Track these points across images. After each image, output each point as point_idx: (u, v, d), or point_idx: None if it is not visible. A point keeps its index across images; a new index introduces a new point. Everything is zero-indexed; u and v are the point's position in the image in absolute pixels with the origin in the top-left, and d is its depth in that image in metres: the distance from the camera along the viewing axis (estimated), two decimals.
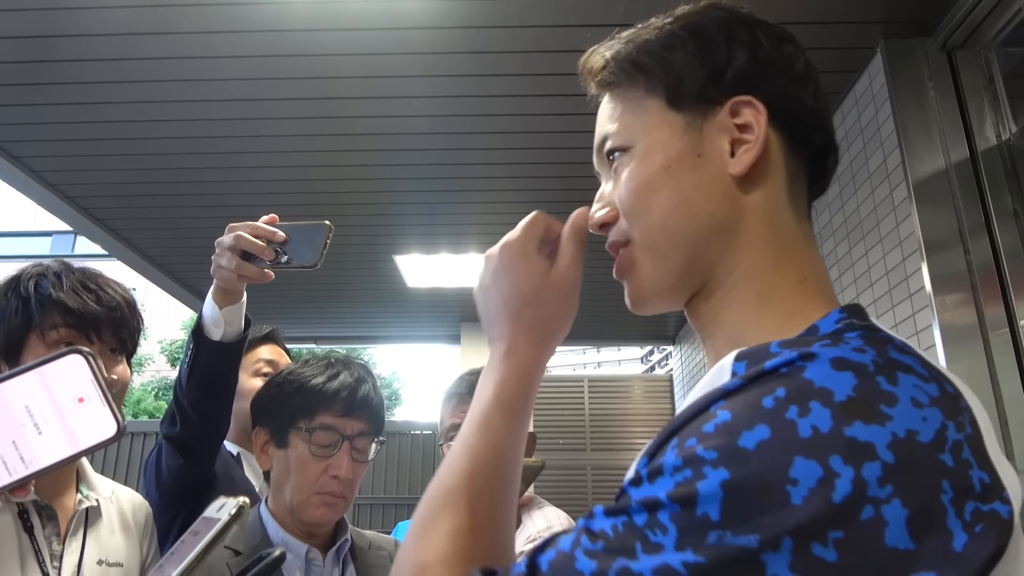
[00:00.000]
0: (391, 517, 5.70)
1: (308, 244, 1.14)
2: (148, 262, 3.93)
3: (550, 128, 2.70)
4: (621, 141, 0.66)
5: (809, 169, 0.65)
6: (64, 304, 1.10)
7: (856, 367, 0.44)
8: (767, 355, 0.49)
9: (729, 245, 0.61)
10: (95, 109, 2.60)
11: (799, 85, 0.63)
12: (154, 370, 16.12)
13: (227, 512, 0.65)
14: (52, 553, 1.07)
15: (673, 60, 0.63)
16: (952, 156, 2.07)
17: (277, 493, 1.23)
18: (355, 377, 1.26)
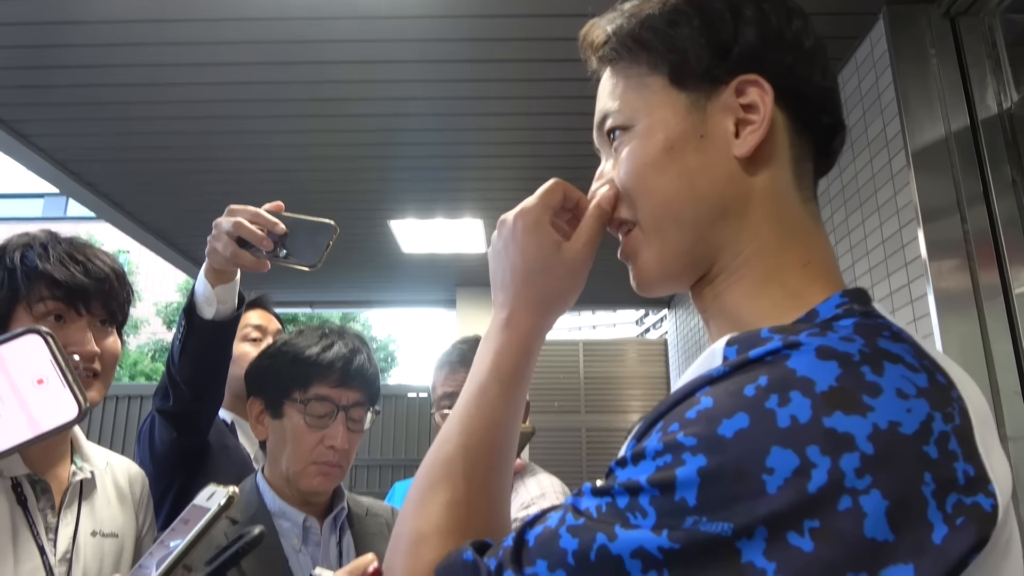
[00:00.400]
0: (387, 478, 5.77)
1: (310, 242, 1.11)
2: (139, 226, 3.89)
3: (547, 93, 2.67)
4: (622, 120, 0.64)
5: (815, 148, 0.63)
6: (51, 276, 1.07)
7: (841, 357, 0.44)
8: (757, 341, 0.48)
9: (735, 229, 0.60)
10: (86, 72, 2.56)
11: (808, 63, 0.61)
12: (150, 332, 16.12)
13: (216, 502, 0.65)
14: (47, 526, 1.07)
15: (677, 37, 0.61)
16: (952, 124, 2.05)
17: (273, 463, 1.24)
18: (350, 347, 1.26)
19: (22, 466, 1.06)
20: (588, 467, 5.65)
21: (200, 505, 0.67)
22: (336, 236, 1.09)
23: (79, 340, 1.09)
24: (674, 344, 5.74)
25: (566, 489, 1.58)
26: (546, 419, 5.63)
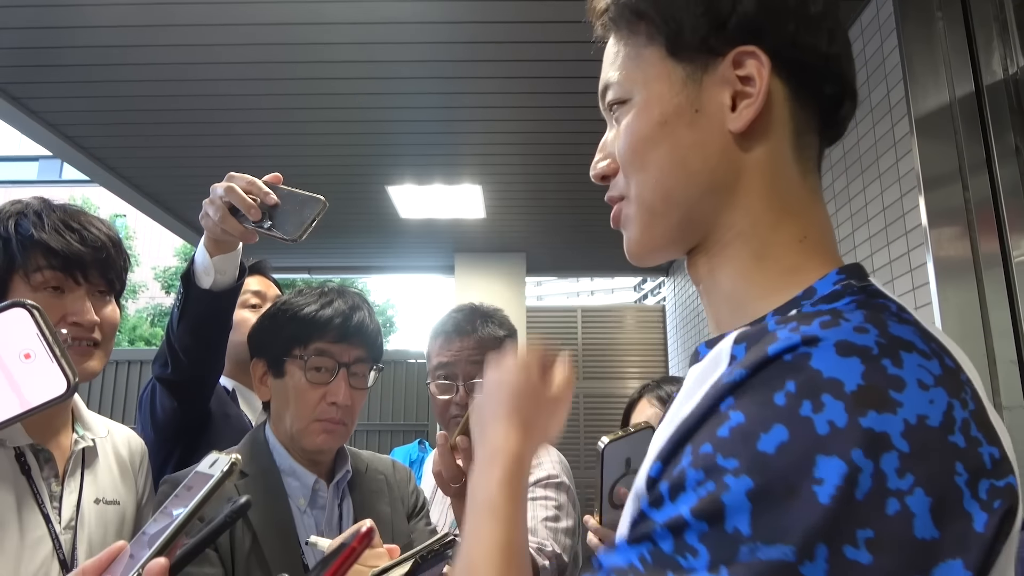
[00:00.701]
0: (386, 443, 5.83)
1: (295, 215, 1.09)
2: (135, 190, 3.85)
3: (546, 56, 2.62)
4: (620, 92, 0.63)
5: (821, 119, 0.61)
6: (47, 245, 1.06)
7: (861, 351, 0.43)
8: (766, 336, 0.47)
9: (726, 203, 0.59)
10: (83, 35, 2.51)
11: (812, 30, 0.58)
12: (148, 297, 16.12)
13: (219, 469, 0.65)
14: (51, 494, 1.08)
15: (674, 7, 0.60)
16: (957, 90, 2.02)
17: (278, 422, 1.24)
18: (349, 304, 1.25)
19: (25, 436, 1.06)
20: (586, 434, 5.70)
21: (203, 472, 0.67)
22: (324, 212, 1.08)
23: (78, 310, 1.09)
24: (672, 310, 5.75)
25: (563, 459, 1.58)
26: None
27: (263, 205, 1.12)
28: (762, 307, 0.56)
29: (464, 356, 1.52)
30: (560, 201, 4.10)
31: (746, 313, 0.58)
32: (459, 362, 1.52)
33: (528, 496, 1.41)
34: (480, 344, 1.54)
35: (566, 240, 4.88)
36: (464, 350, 1.53)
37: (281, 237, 1.11)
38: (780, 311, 0.55)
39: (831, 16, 0.60)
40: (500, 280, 5.21)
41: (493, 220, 4.42)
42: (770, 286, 0.57)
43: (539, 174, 3.74)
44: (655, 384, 1.59)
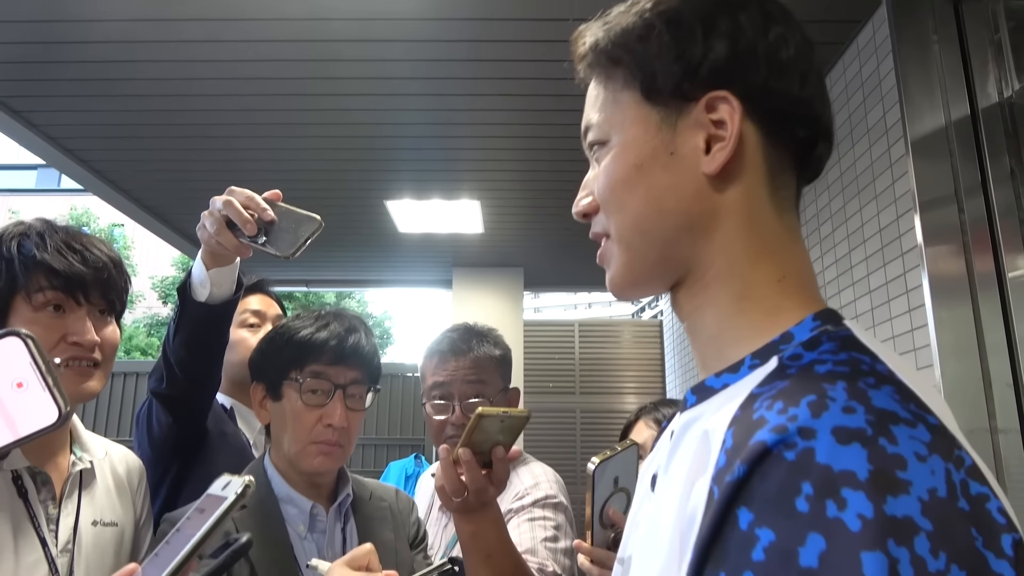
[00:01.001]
0: (382, 457, 5.81)
1: (291, 233, 1.11)
2: (132, 202, 3.84)
3: (544, 74, 2.64)
4: (599, 134, 0.66)
5: (797, 159, 0.63)
6: (49, 265, 1.08)
7: (858, 435, 0.44)
8: (759, 424, 0.48)
9: (703, 243, 0.61)
10: (81, 49, 2.52)
11: (783, 74, 0.60)
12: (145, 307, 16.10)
13: (233, 491, 0.65)
14: (48, 517, 1.07)
15: (646, 53, 0.62)
16: (952, 113, 2.03)
17: (277, 447, 1.25)
18: (345, 326, 1.26)
19: (22, 459, 1.06)
20: (582, 449, 5.68)
21: (215, 494, 0.67)
22: (319, 232, 1.10)
23: (79, 330, 1.09)
24: (669, 325, 5.75)
25: (559, 479, 1.57)
26: (541, 400, 5.65)
27: (259, 221, 1.14)
28: (741, 350, 0.58)
29: (460, 376, 1.52)
30: (558, 217, 4.11)
31: (727, 356, 0.60)
32: (455, 382, 1.51)
33: (527, 517, 1.41)
34: (476, 364, 1.53)
35: (564, 255, 4.89)
36: (460, 370, 1.52)
37: (274, 253, 1.12)
38: (759, 355, 0.57)
39: (804, 59, 0.61)
40: (498, 294, 5.21)
41: (491, 235, 4.43)
42: (751, 328, 0.59)
43: (537, 190, 3.75)
44: (652, 407, 1.59)
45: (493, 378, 1.54)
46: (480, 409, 0.98)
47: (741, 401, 0.52)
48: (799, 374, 0.51)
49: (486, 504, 1.05)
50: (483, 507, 1.05)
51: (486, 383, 1.52)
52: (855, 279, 2.35)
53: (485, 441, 1.02)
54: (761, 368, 0.55)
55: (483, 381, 1.51)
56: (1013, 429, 1.84)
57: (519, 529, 1.39)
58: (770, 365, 0.55)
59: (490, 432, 1.00)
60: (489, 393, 1.51)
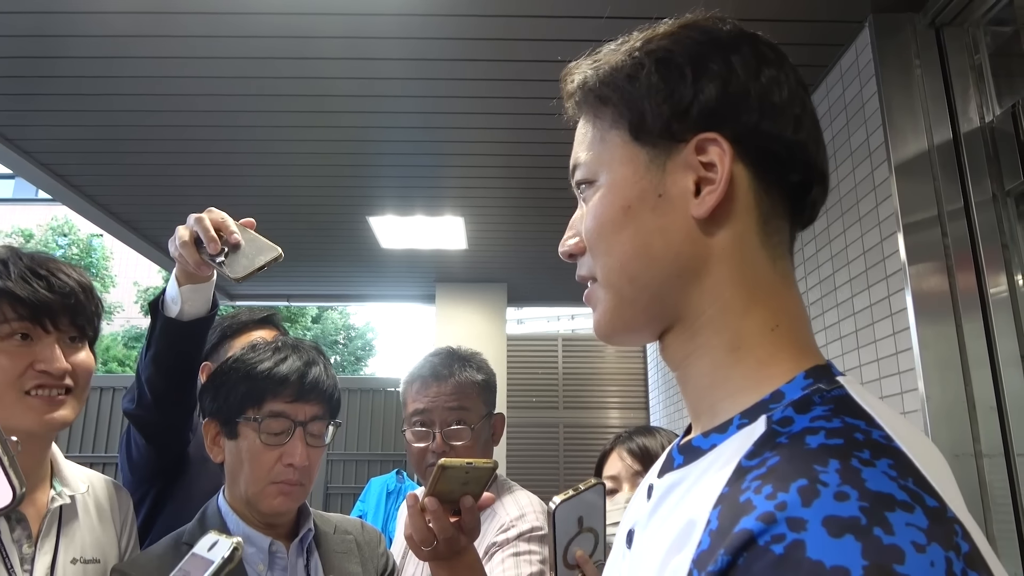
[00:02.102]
0: (363, 473, 5.74)
1: (248, 258, 1.12)
2: (105, 213, 3.77)
3: (528, 93, 2.63)
4: (587, 173, 0.64)
5: (790, 203, 0.61)
6: (13, 293, 1.05)
7: (851, 525, 0.42)
8: (746, 509, 0.45)
9: (693, 289, 0.59)
10: (55, 60, 2.47)
11: (776, 118, 0.58)
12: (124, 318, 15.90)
13: (219, 555, 0.62)
14: (22, 556, 1.04)
15: (635, 93, 0.60)
16: (935, 137, 2.05)
17: (232, 486, 1.19)
18: (304, 360, 1.21)
19: None
20: (565, 463, 5.66)
21: (201, 555, 0.64)
22: (274, 262, 1.12)
23: (47, 357, 1.07)
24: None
25: (544, 506, 1.54)
26: (524, 415, 5.63)
27: (225, 242, 1.14)
28: (732, 406, 0.56)
29: (440, 403, 1.47)
30: (541, 232, 4.10)
31: (718, 411, 0.58)
32: (436, 408, 1.47)
33: (512, 552, 1.37)
34: (458, 389, 1.49)
35: (547, 271, 4.88)
36: (440, 396, 1.48)
37: (227, 274, 1.13)
38: (747, 414, 0.55)
39: (798, 102, 0.60)
40: (481, 310, 5.19)
41: (475, 251, 4.41)
42: (743, 380, 0.57)
43: (521, 206, 3.74)
44: (627, 436, 1.57)
45: (475, 404, 1.50)
46: (443, 460, 0.97)
47: (729, 475, 0.50)
48: (790, 447, 0.48)
49: (458, 553, 1.03)
50: (456, 555, 1.03)
51: (468, 409, 1.48)
52: (839, 300, 2.35)
53: (452, 491, 1.01)
54: (749, 428, 0.53)
55: (464, 407, 1.48)
56: (997, 453, 1.85)
57: (503, 565, 1.35)
58: (758, 427, 0.53)
59: (455, 483, 1.00)
60: (471, 419, 1.47)
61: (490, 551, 1.37)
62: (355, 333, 17.81)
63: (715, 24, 0.61)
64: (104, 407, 5.92)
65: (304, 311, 14.99)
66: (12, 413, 1.03)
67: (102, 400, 5.95)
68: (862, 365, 2.20)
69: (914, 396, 1.94)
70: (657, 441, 1.53)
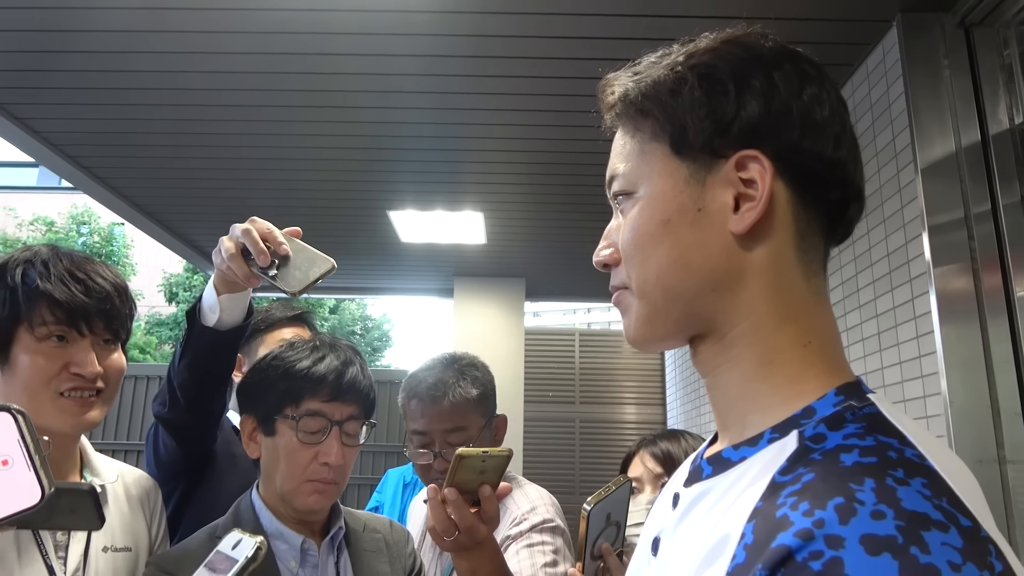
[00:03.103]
0: (380, 464, 5.78)
1: (301, 271, 1.11)
2: (126, 202, 3.78)
3: (547, 90, 2.62)
4: (625, 185, 0.64)
5: (826, 220, 0.61)
6: (52, 296, 1.07)
7: (888, 544, 0.42)
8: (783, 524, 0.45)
9: (727, 303, 0.60)
10: (84, 58, 2.50)
11: (817, 136, 0.59)
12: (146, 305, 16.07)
13: (243, 554, 0.63)
14: (56, 544, 1.06)
15: (677, 107, 0.60)
16: (963, 139, 2.02)
17: (267, 482, 1.22)
18: (341, 360, 1.23)
19: None
20: (581, 458, 5.67)
21: (225, 553, 0.65)
22: (329, 274, 1.10)
23: (82, 361, 1.09)
24: None
25: (555, 501, 1.55)
26: (540, 409, 5.64)
27: (274, 254, 1.13)
28: (762, 420, 0.57)
29: (437, 426, 1.46)
30: (560, 229, 4.10)
31: (747, 423, 0.59)
32: (433, 432, 1.47)
33: (526, 543, 1.39)
34: (453, 410, 1.47)
35: (565, 266, 4.88)
36: (437, 419, 1.46)
37: (282, 288, 1.12)
38: (779, 428, 0.55)
39: (838, 120, 0.60)
40: (499, 304, 5.19)
41: (493, 246, 4.41)
42: (773, 395, 0.58)
43: (541, 202, 3.74)
44: (651, 440, 1.58)
45: (472, 419, 1.49)
46: (460, 451, 0.99)
47: (763, 489, 0.50)
48: (824, 465, 0.49)
49: (480, 542, 1.05)
50: (478, 545, 1.05)
51: (465, 428, 1.48)
52: (862, 302, 2.33)
53: (471, 480, 1.03)
54: (781, 443, 0.54)
55: (462, 427, 1.47)
56: (1021, 459, 1.83)
57: (518, 556, 1.37)
58: (790, 442, 0.53)
59: (472, 472, 1.02)
60: (471, 435, 1.47)
61: (504, 544, 1.39)
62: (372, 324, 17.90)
63: (757, 40, 0.62)
64: (126, 395, 5.99)
65: (322, 302, 15.09)
66: (45, 413, 1.05)
67: (124, 388, 6.03)
68: (884, 368, 2.18)
69: (937, 400, 1.92)
70: (681, 447, 1.54)
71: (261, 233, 1.13)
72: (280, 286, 1.11)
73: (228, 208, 3.69)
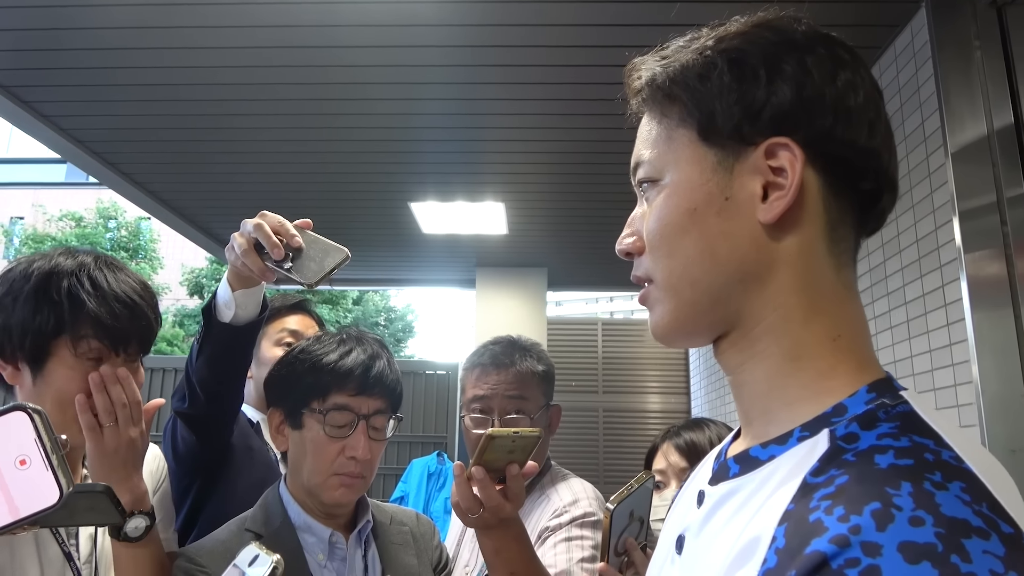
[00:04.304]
0: (405, 455, 5.82)
1: (316, 262, 1.11)
2: (151, 197, 3.83)
3: (569, 78, 2.60)
4: (651, 171, 0.62)
5: (857, 210, 0.59)
6: (99, 320, 1.08)
7: (928, 552, 0.41)
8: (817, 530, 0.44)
9: (755, 295, 0.58)
10: (103, 55, 2.53)
11: (851, 123, 0.56)
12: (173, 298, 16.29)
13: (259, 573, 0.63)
14: (68, 531, 1.08)
15: (706, 93, 0.58)
16: (995, 121, 1.97)
17: (295, 475, 1.22)
18: (369, 353, 1.22)
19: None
20: (604, 448, 5.66)
21: (241, 568, 0.65)
22: (345, 264, 1.10)
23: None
24: None
25: (599, 495, 1.55)
26: (563, 399, 5.61)
27: (287, 246, 1.13)
28: (790, 417, 0.55)
29: (500, 391, 1.48)
30: (582, 218, 4.08)
31: (774, 419, 0.57)
32: (495, 396, 1.48)
33: (564, 536, 1.38)
34: (518, 378, 1.49)
35: (587, 256, 4.86)
36: (500, 384, 1.49)
37: (298, 280, 1.12)
38: (809, 427, 0.54)
39: (873, 107, 0.58)
40: (521, 294, 5.19)
41: (515, 236, 4.40)
42: (800, 391, 0.56)
43: (562, 191, 3.72)
44: (675, 431, 1.56)
45: (535, 394, 1.51)
46: (491, 431, 0.99)
47: (794, 491, 0.49)
48: (858, 467, 0.47)
49: (505, 521, 1.05)
50: (503, 523, 1.05)
51: (527, 399, 1.49)
52: (890, 289, 2.29)
53: (498, 459, 1.03)
54: (811, 442, 0.52)
55: (524, 397, 1.48)
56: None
57: (555, 549, 1.36)
58: (821, 442, 0.52)
59: (502, 451, 1.02)
60: (530, 409, 1.48)
61: (543, 535, 1.38)
62: (395, 315, 17.98)
63: (790, 24, 0.60)
64: (155, 388, 6.08)
65: (345, 294, 15.19)
66: (70, 428, 1.06)
67: (152, 381, 6.12)
68: (913, 356, 2.15)
69: (968, 389, 1.88)
70: (705, 435, 1.51)
71: (272, 227, 1.13)
72: (296, 278, 1.12)
73: (251, 201, 3.72)
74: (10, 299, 1.08)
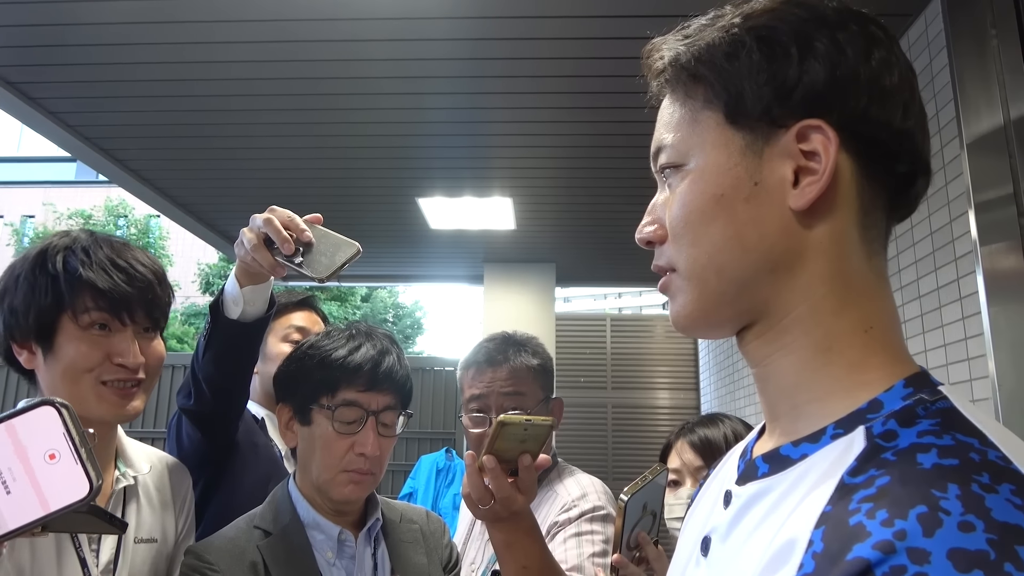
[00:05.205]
0: (413, 451, 5.82)
1: (327, 257, 1.10)
2: (159, 194, 3.83)
3: (576, 72, 2.58)
4: (675, 156, 0.59)
5: (889, 194, 0.57)
6: (95, 285, 1.06)
7: (980, 560, 0.38)
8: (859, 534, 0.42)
9: (784, 285, 0.55)
10: (111, 51, 2.52)
11: (885, 104, 0.54)
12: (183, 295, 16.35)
13: None
14: (90, 536, 1.07)
15: (734, 72, 0.55)
16: (1012, 111, 1.93)
17: (304, 471, 1.21)
18: (378, 349, 1.20)
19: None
20: (613, 444, 5.64)
21: None
22: (356, 258, 1.09)
23: (124, 351, 1.09)
24: None
25: (607, 489, 1.53)
26: (572, 395, 5.62)
27: (298, 241, 1.12)
28: (821, 413, 0.53)
29: (496, 388, 1.48)
30: (590, 213, 4.06)
31: (803, 413, 0.54)
32: (491, 394, 1.48)
33: (574, 531, 1.37)
34: (513, 374, 1.49)
35: (596, 251, 4.83)
36: (496, 381, 1.48)
37: (309, 275, 1.11)
38: (843, 424, 0.51)
39: (907, 87, 0.55)
40: (529, 290, 5.17)
41: (523, 231, 4.39)
42: (831, 385, 0.53)
43: (569, 187, 3.70)
44: (689, 428, 1.54)
45: (532, 388, 1.50)
46: (502, 417, 0.97)
47: (831, 492, 0.46)
48: (900, 466, 0.45)
49: (516, 513, 1.02)
50: (514, 516, 1.02)
51: (524, 394, 1.48)
52: (903, 283, 2.26)
53: (510, 449, 1.00)
54: (846, 440, 0.50)
55: (521, 392, 1.47)
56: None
57: (565, 544, 1.35)
58: (857, 440, 0.49)
59: (514, 440, 0.99)
60: (528, 404, 1.46)
61: (552, 531, 1.37)
62: (404, 312, 18.00)
63: (820, 0, 0.57)
64: (164, 384, 6.10)
65: (354, 290, 15.21)
66: (87, 402, 1.06)
67: (162, 377, 6.13)
68: (928, 350, 2.12)
69: (985, 383, 1.85)
70: (720, 431, 1.49)
71: (282, 221, 1.12)
72: (307, 272, 1.10)
73: (259, 198, 3.71)
74: (12, 282, 1.09)
